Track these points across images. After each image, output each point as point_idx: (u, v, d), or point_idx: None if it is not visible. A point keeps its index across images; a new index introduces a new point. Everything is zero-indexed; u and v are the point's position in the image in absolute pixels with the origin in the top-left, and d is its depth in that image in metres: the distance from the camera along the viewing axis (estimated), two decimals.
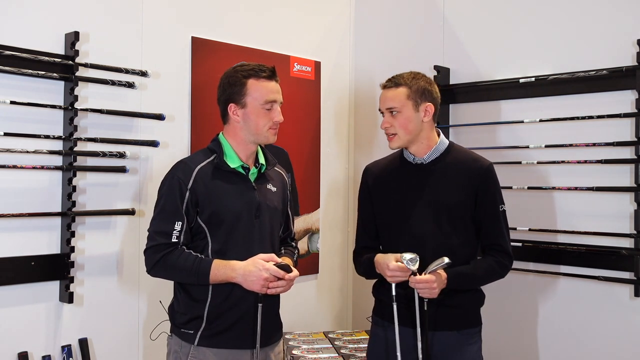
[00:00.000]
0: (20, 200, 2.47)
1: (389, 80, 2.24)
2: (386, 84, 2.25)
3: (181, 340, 2.07)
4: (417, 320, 2.13)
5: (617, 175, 2.74)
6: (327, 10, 3.74)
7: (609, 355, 2.77)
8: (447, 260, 2.07)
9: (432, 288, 2.07)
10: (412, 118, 2.19)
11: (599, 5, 2.82)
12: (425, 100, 2.20)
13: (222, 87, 2.13)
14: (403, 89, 2.19)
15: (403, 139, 2.21)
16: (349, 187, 3.83)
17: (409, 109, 2.19)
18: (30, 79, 2.48)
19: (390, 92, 2.22)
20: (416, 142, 2.23)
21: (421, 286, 2.08)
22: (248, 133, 2.11)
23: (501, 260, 2.21)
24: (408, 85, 2.19)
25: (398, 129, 2.20)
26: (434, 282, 2.08)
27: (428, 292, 2.09)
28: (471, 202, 2.20)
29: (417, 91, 2.19)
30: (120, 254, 2.77)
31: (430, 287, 2.07)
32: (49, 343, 2.56)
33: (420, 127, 2.21)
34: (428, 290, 2.08)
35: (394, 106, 2.19)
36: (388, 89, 2.23)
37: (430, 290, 2.08)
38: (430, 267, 2.09)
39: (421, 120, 2.20)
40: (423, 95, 2.20)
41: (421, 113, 2.20)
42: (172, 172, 2.08)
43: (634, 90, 2.68)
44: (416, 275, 2.08)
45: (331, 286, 3.74)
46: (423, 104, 2.20)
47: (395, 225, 2.25)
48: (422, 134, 2.22)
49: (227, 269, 2.00)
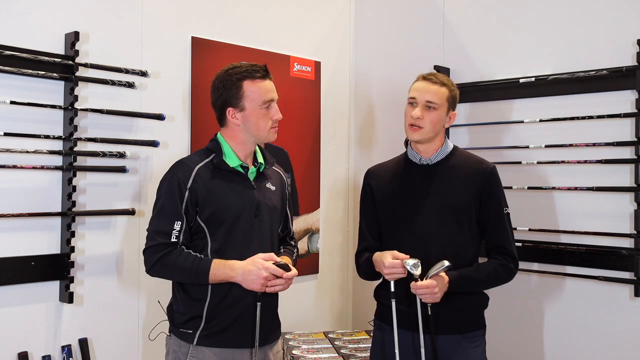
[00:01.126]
0: (20, 200, 2.47)
1: (434, 75, 2.25)
2: (431, 77, 2.24)
3: (180, 340, 2.07)
4: (419, 325, 2.13)
5: (617, 175, 2.74)
6: (327, 10, 3.74)
7: (609, 355, 2.76)
8: (447, 263, 2.08)
9: (434, 293, 2.08)
10: (442, 119, 2.22)
11: (599, 6, 2.82)
12: (453, 109, 2.27)
13: (217, 91, 2.11)
14: (446, 90, 2.22)
15: (427, 134, 2.22)
16: (349, 187, 3.83)
17: (444, 110, 2.22)
18: (30, 79, 2.48)
19: (434, 87, 2.21)
20: (430, 142, 2.25)
21: (422, 292, 2.08)
22: (249, 134, 2.11)
23: (506, 264, 2.21)
24: (450, 89, 2.24)
25: (427, 123, 2.20)
26: (435, 287, 2.08)
27: (430, 297, 2.09)
28: (475, 204, 2.21)
29: (453, 97, 2.25)
30: (120, 254, 2.77)
31: (431, 292, 2.08)
32: (49, 343, 2.56)
33: (441, 130, 2.26)
34: (430, 295, 2.08)
35: (435, 102, 2.20)
36: (433, 83, 2.22)
37: (432, 295, 2.08)
38: (431, 271, 2.10)
39: (444, 124, 2.25)
40: (454, 103, 2.27)
41: (447, 118, 2.25)
42: (171, 171, 2.08)
43: (634, 90, 2.68)
44: (418, 282, 2.09)
45: (331, 286, 3.74)
46: (451, 111, 2.26)
47: (399, 226, 2.25)
48: (438, 136, 2.26)
49: (226, 268, 2.00)
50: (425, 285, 2.08)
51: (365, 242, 2.38)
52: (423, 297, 2.10)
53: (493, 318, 2.44)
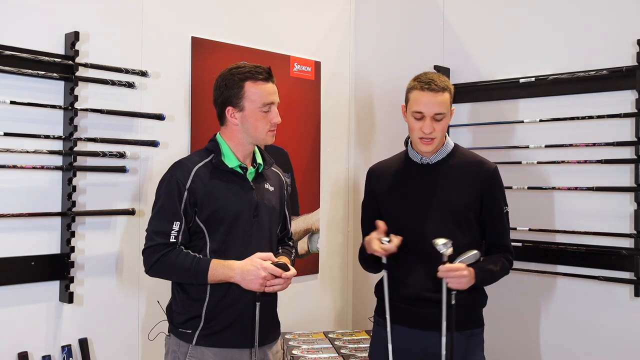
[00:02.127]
0: (20, 200, 2.47)
1: (432, 81, 2.12)
2: (433, 86, 2.12)
3: (179, 340, 2.07)
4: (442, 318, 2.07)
5: (617, 175, 2.74)
6: (327, 10, 3.74)
7: (609, 355, 2.76)
8: (476, 251, 2.01)
9: (463, 276, 2.02)
10: (448, 122, 2.20)
11: (599, 6, 2.82)
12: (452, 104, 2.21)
13: (219, 89, 2.11)
14: (448, 94, 2.15)
15: (438, 142, 2.20)
16: (349, 187, 3.83)
17: (449, 112, 2.19)
18: (30, 79, 2.48)
19: (439, 97, 2.12)
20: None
21: (452, 274, 2.01)
22: (246, 135, 2.11)
23: (508, 258, 2.24)
24: (449, 90, 2.17)
25: (439, 134, 2.16)
26: (465, 270, 2.02)
27: (457, 281, 2.03)
28: (477, 204, 2.21)
29: (452, 95, 2.20)
30: (120, 254, 2.77)
31: (460, 274, 2.01)
32: (49, 343, 2.56)
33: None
34: (457, 279, 2.02)
35: (444, 112, 2.14)
36: (436, 93, 2.11)
37: (460, 279, 2.02)
38: (461, 257, 2.03)
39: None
40: (453, 98, 2.21)
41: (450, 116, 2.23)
42: (170, 172, 2.08)
43: (634, 90, 2.68)
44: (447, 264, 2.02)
45: (331, 286, 3.74)
46: (451, 108, 2.22)
47: (400, 224, 2.24)
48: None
49: (225, 268, 2.00)
50: (456, 268, 2.01)
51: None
52: (450, 280, 2.03)
53: (493, 318, 2.44)
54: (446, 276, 2.04)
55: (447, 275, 2.03)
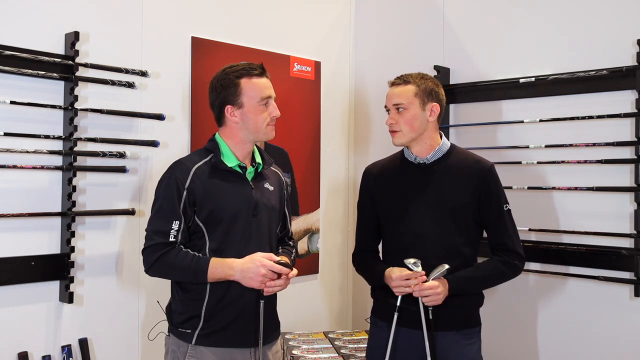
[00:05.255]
0: (20, 200, 2.47)
1: (398, 77, 2.27)
2: (394, 81, 2.27)
3: (179, 339, 2.07)
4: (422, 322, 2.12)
5: (617, 175, 2.74)
6: (327, 10, 3.74)
7: (609, 355, 2.76)
8: (447, 266, 2.09)
9: (437, 294, 2.09)
10: (417, 116, 2.21)
11: (599, 5, 2.82)
12: (431, 100, 2.23)
13: (215, 91, 2.12)
14: (411, 87, 2.22)
15: (407, 136, 2.22)
16: (349, 187, 3.83)
17: (416, 106, 2.21)
18: (30, 79, 2.48)
19: (398, 89, 2.24)
20: (419, 142, 2.24)
21: (427, 292, 2.08)
22: (247, 132, 2.11)
23: (508, 260, 2.22)
24: (416, 84, 2.22)
25: (403, 125, 2.21)
26: (439, 287, 2.09)
27: (433, 299, 2.09)
28: (474, 203, 2.21)
29: (424, 90, 2.22)
30: (120, 254, 2.77)
31: (435, 292, 2.08)
32: (49, 343, 2.57)
33: (425, 127, 2.23)
34: (433, 296, 2.09)
35: (401, 102, 2.21)
36: (396, 86, 2.25)
37: (436, 296, 2.09)
38: (432, 274, 2.10)
39: (427, 119, 2.22)
40: (430, 95, 2.23)
41: (427, 112, 2.22)
42: (170, 171, 2.09)
43: (634, 90, 2.68)
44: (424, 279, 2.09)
45: (331, 286, 3.74)
46: (429, 103, 2.22)
47: (397, 225, 2.25)
48: (425, 134, 2.24)
49: (225, 267, 2.00)
50: (429, 287, 2.08)
51: (362, 242, 2.40)
52: (426, 299, 2.10)
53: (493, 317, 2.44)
54: (421, 295, 2.10)
55: (422, 294, 2.10)
